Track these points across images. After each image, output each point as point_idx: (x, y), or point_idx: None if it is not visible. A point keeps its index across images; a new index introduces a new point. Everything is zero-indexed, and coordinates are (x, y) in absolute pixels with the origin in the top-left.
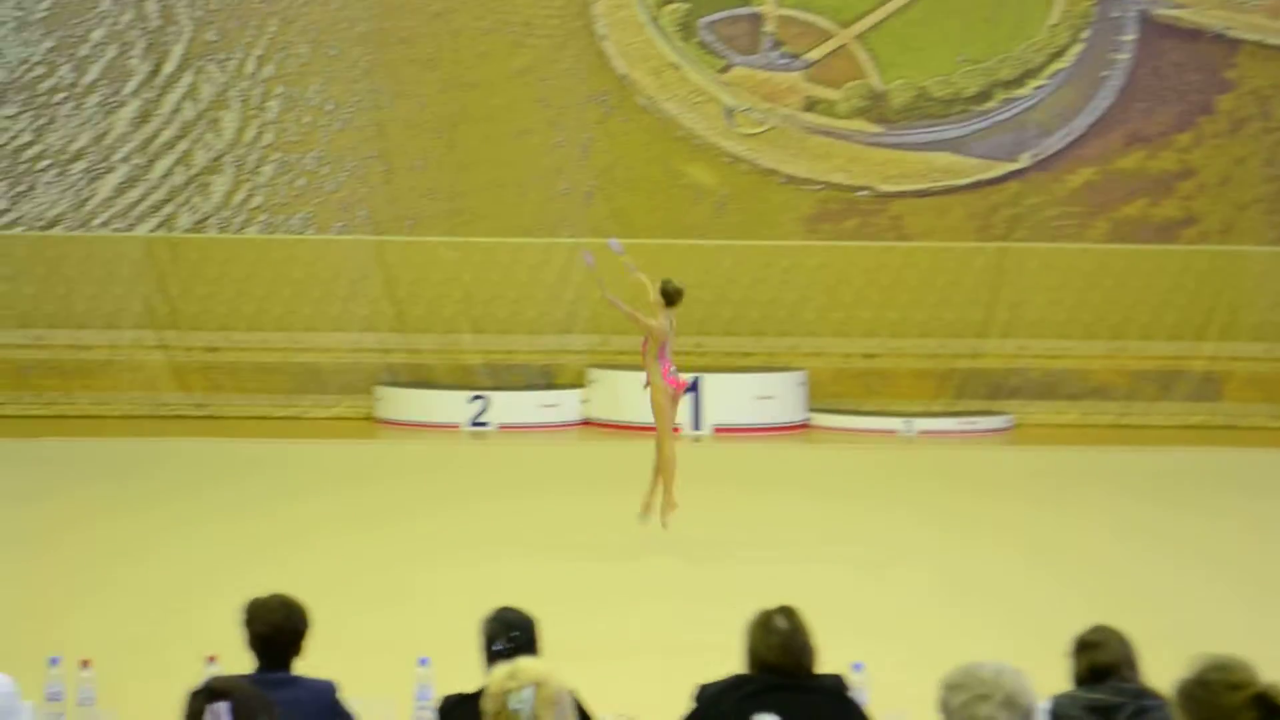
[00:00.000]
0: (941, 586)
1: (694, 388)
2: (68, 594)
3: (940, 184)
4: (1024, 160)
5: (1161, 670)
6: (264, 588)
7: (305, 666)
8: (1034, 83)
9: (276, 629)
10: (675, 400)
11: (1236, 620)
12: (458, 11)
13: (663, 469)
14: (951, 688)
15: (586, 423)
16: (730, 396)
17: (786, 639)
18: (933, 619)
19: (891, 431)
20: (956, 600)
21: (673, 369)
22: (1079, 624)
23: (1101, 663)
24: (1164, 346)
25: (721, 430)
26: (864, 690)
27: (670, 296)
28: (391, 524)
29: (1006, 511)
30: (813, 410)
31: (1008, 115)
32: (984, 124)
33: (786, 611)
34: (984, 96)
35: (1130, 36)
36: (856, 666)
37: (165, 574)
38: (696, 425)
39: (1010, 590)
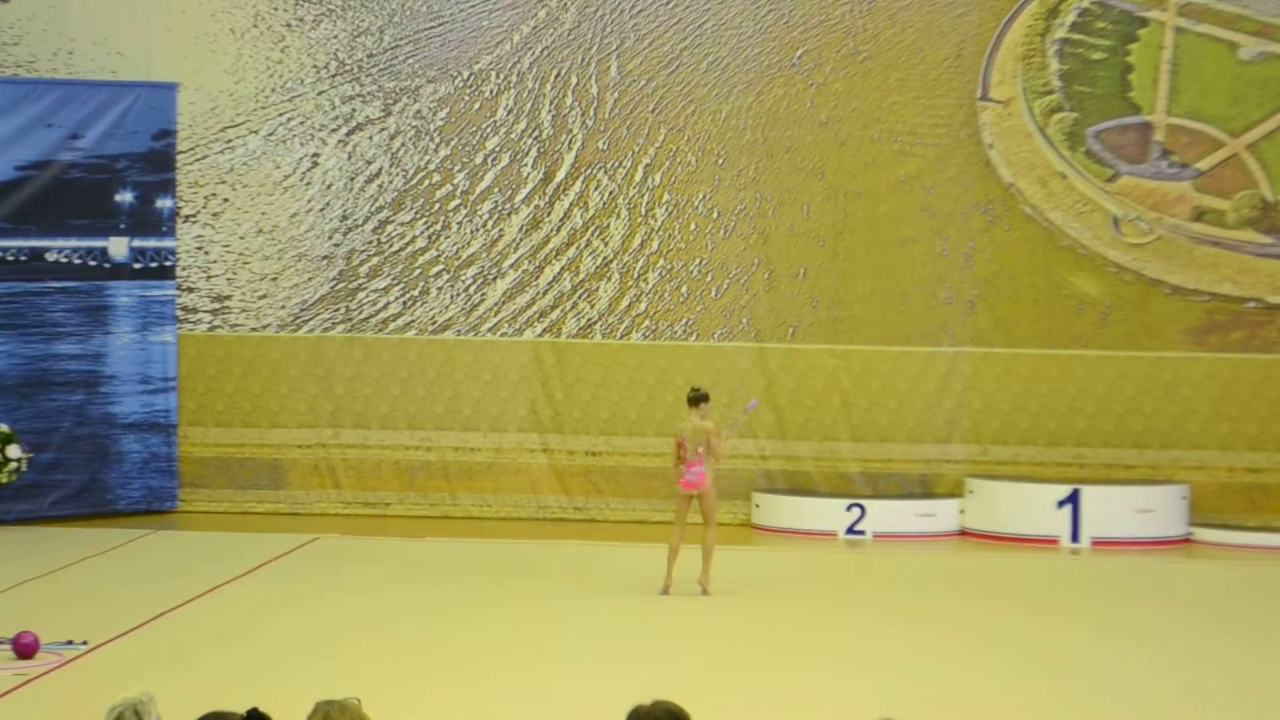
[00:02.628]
0: None
1: (1073, 499)
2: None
3: None
4: None
5: None
6: (644, 694)
7: None
8: None
9: None
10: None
11: None
12: (844, 120)
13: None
14: None
15: (964, 533)
16: (1110, 509)
17: None
18: None
19: (1277, 548)
20: None
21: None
22: None
23: None
24: None
25: (1100, 543)
26: None
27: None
28: (763, 630)
29: None
30: (1194, 525)
31: None
32: None
33: None
34: None
35: None
36: None
37: (542, 673)
38: (1075, 538)
39: None
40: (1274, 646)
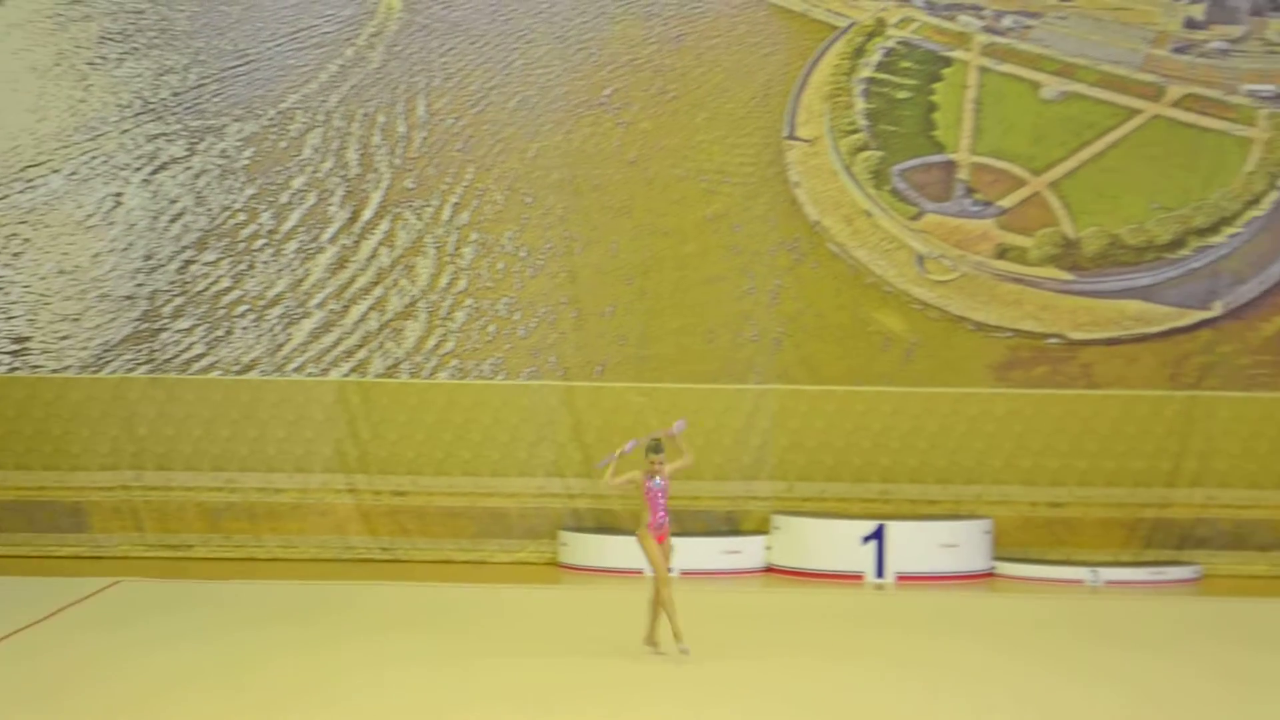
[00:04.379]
0: None
1: (878, 534)
2: None
3: (1131, 332)
4: (1216, 308)
5: None
6: None
7: None
8: (1228, 230)
9: None
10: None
11: None
12: (652, 159)
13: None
14: None
15: (770, 569)
16: (914, 544)
17: None
18: None
19: (1078, 581)
20: None
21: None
22: None
23: None
24: None
25: (905, 578)
26: None
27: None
28: (573, 669)
29: (1194, 670)
30: (998, 559)
31: (1201, 263)
32: (1176, 272)
33: None
34: (1177, 244)
35: None
36: None
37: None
38: (880, 573)
39: None
40: (1089, 681)
